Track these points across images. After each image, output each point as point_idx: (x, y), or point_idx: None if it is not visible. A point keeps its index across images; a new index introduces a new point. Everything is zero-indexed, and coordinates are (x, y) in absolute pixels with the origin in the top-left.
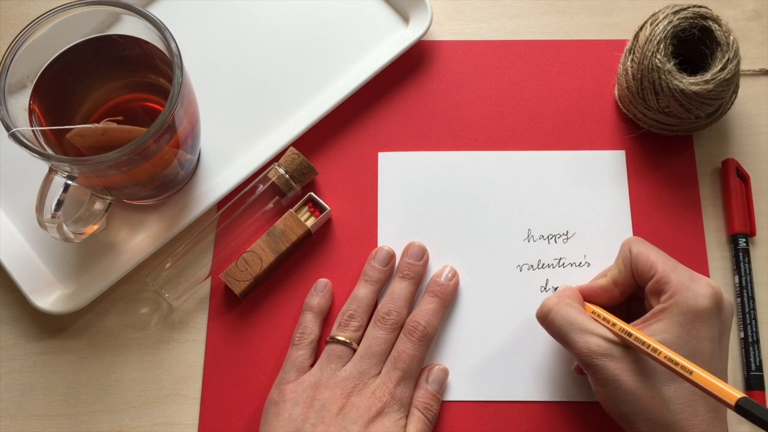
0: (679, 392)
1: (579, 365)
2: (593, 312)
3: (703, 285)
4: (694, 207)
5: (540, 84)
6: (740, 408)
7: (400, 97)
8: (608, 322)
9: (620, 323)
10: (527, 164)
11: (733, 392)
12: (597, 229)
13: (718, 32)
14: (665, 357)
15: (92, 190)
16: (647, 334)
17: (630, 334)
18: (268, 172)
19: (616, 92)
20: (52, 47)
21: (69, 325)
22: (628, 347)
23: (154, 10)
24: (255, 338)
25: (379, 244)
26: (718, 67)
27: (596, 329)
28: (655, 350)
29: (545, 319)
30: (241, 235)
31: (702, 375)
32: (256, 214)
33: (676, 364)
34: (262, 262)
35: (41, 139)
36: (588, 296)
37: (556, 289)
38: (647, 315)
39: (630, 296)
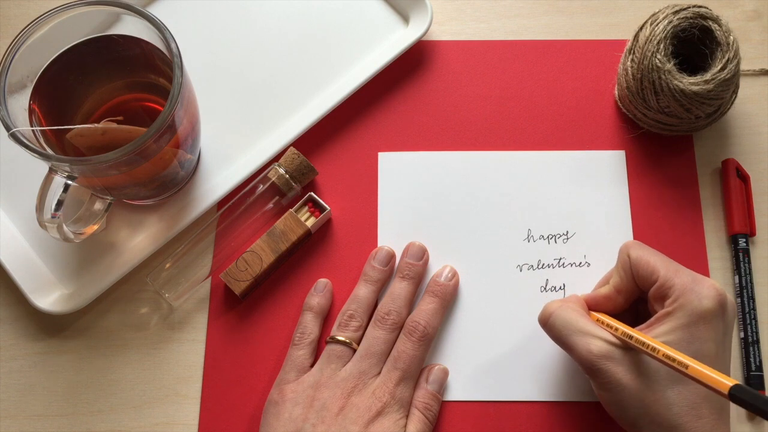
0: (683, 395)
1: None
2: (597, 319)
3: (707, 287)
4: (694, 207)
5: (540, 84)
6: (733, 396)
7: (400, 97)
8: (611, 327)
9: (622, 327)
10: (527, 164)
11: (726, 381)
12: (597, 229)
13: (718, 32)
14: (663, 354)
15: (92, 190)
16: (651, 336)
17: (631, 336)
18: (268, 172)
19: (616, 92)
20: (52, 47)
21: (69, 325)
22: (629, 350)
23: (154, 10)
24: (255, 338)
25: (379, 244)
26: (718, 67)
27: (597, 332)
28: (654, 349)
29: (546, 322)
30: (241, 235)
31: (696, 368)
32: (256, 214)
33: (673, 360)
34: (262, 262)
35: (41, 139)
36: (593, 305)
37: (555, 289)
38: (651, 319)
39: (637, 299)
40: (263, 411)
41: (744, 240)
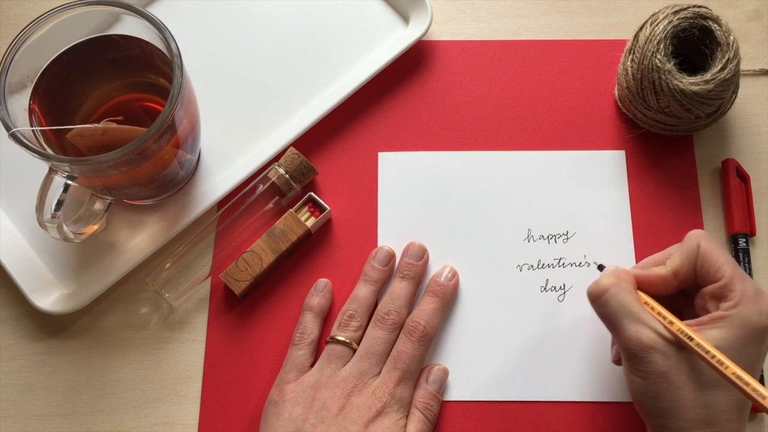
0: (720, 398)
1: (617, 355)
2: (645, 303)
3: None
4: (694, 207)
5: (540, 84)
6: None
7: (400, 97)
8: (664, 318)
9: (677, 322)
10: (527, 164)
11: None
12: (597, 229)
13: (718, 32)
14: (733, 373)
15: (92, 190)
16: (704, 339)
17: (691, 338)
18: (268, 172)
19: (616, 92)
20: (52, 47)
21: (69, 325)
22: (675, 343)
23: (154, 10)
24: (255, 338)
25: (379, 244)
26: (718, 67)
27: (649, 321)
28: (720, 363)
29: (599, 298)
30: (241, 235)
31: (756, 386)
32: (256, 214)
33: (747, 384)
34: (262, 262)
35: (41, 139)
36: (643, 283)
37: (555, 288)
38: (704, 318)
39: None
40: (263, 411)
41: (744, 240)
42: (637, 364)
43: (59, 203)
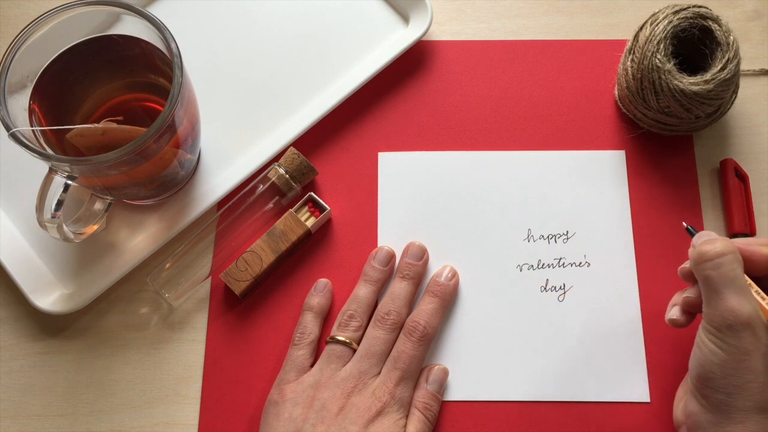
0: None
1: (682, 316)
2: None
3: None
4: (694, 207)
5: (540, 84)
6: None
7: (400, 97)
8: (763, 299)
9: None
10: (527, 164)
11: None
12: (597, 229)
13: (718, 32)
14: None
15: (92, 190)
16: None
17: None
18: (268, 172)
19: (616, 92)
20: (52, 47)
21: (69, 325)
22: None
23: (154, 10)
24: (255, 338)
25: (379, 244)
26: (718, 67)
27: (751, 298)
28: None
29: (711, 259)
30: (241, 235)
31: None
32: (256, 214)
33: None
34: (262, 262)
35: (41, 139)
36: (744, 258)
37: (555, 288)
38: None
39: None
40: (263, 411)
41: None
42: (727, 336)
43: (59, 203)
